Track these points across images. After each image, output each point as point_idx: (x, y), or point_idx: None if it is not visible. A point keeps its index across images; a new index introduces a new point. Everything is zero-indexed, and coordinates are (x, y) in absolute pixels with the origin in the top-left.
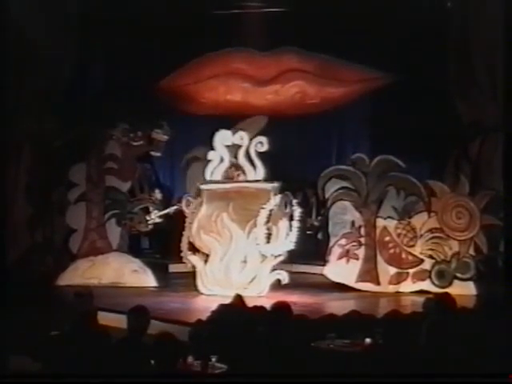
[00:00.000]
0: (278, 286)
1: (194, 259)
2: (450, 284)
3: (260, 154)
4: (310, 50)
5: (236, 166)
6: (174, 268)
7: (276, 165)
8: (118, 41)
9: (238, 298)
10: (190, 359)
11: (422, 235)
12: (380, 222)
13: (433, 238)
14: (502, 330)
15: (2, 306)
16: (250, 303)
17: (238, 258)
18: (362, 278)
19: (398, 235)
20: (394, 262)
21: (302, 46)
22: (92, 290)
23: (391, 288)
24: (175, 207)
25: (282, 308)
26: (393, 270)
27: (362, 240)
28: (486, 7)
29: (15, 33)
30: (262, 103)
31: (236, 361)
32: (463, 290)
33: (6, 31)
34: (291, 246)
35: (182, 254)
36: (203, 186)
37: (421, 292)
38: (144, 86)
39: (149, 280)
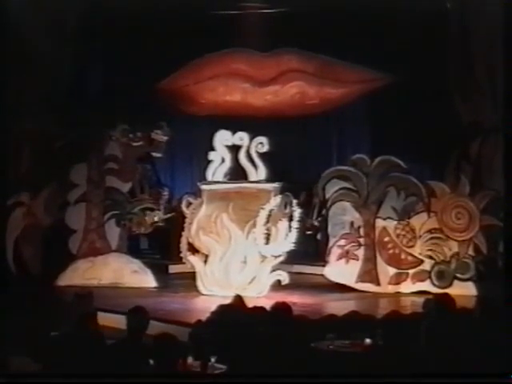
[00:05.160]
0: (277, 286)
1: (194, 260)
2: (449, 284)
3: (260, 155)
4: (310, 50)
5: None
6: (173, 268)
7: (276, 165)
8: (118, 41)
9: (238, 299)
10: (189, 360)
11: (421, 236)
12: (379, 223)
13: (432, 238)
14: (501, 330)
15: (2, 306)
16: (250, 304)
17: (238, 258)
18: (361, 278)
19: (398, 236)
20: (394, 262)
21: (301, 47)
22: (92, 290)
23: (391, 288)
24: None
25: (281, 308)
26: (392, 271)
27: (362, 240)
28: (486, 7)
29: (15, 33)
30: (261, 104)
31: (236, 361)
32: (463, 290)
33: (6, 31)
34: (291, 247)
35: (182, 255)
36: (203, 187)
37: (420, 292)
38: (144, 87)
39: (148, 280)
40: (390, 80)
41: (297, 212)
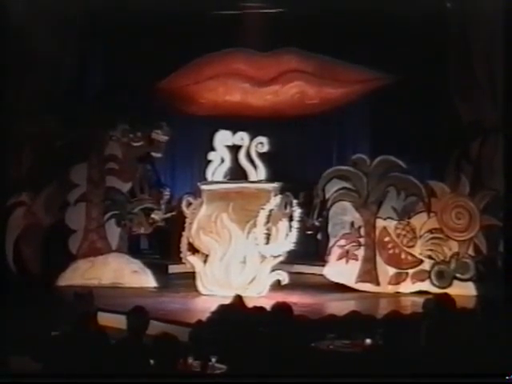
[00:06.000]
0: (277, 286)
1: (194, 260)
2: (449, 284)
3: (260, 155)
4: (310, 50)
5: None
6: (173, 268)
7: (277, 165)
8: (118, 41)
9: (238, 299)
10: (190, 360)
11: (421, 236)
12: (380, 223)
13: (432, 238)
14: (502, 330)
15: (2, 306)
16: (250, 303)
17: (238, 258)
18: (361, 278)
19: (398, 236)
20: (394, 262)
21: (302, 47)
22: (92, 290)
23: (391, 288)
24: (175, 212)
25: (282, 308)
26: (392, 271)
27: (362, 240)
28: (486, 7)
29: (15, 33)
30: (261, 104)
31: (236, 361)
32: (463, 290)
33: (6, 31)
34: (291, 247)
35: (182, 255)
36: (203, 187)
37: (420, 292)
38: (144, 87)
39: (149, 280)
40: (390, 80)
41: (297, 212)
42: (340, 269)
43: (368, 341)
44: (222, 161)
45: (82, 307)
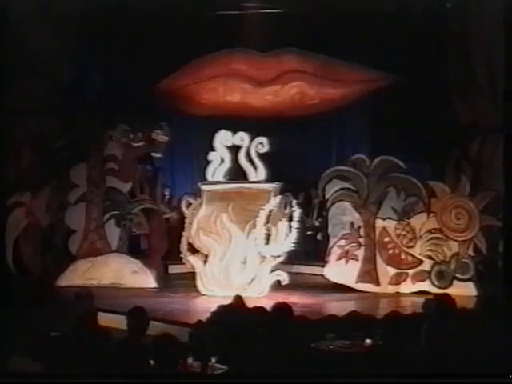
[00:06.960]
0: (277, 286)
1: (194, 260)
2: (449, 285)
3: (260, 155)
4: (310, 50)
5: None
6: (173, 269)
7: (277, 166)
8: (118, 41)
9: (238, 299)
10: (190, 360)
11: (421, 236)
12: (379, 223)
13: (432, 238)
14: (501, 330)
15: (2, 306)
16: (250, 304)
17: (238, 258)
18: (361, 278)
19: (398, 236)
20: (394, 262)
21: (302, 47)
22: (92, 290)
23: (391, 289)
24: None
25: (282, 309)
26: (392, 271)
27: (362, 241)
28: (486, 7)
29: (15, 33)
30: (261, 104)
31: (236, 361)
32: (463, 290)
33: (6, 31)
34: (291, 247)
35: (182, 255)
36: (203, 187)
37: (420, 293)
38: (144, 87)
39: (148, 281)
40: (390, 80)
41: (297, 212)
42: (340, 269)
43: (368, 341)
44: (222, 161)
45: (81, 307)
